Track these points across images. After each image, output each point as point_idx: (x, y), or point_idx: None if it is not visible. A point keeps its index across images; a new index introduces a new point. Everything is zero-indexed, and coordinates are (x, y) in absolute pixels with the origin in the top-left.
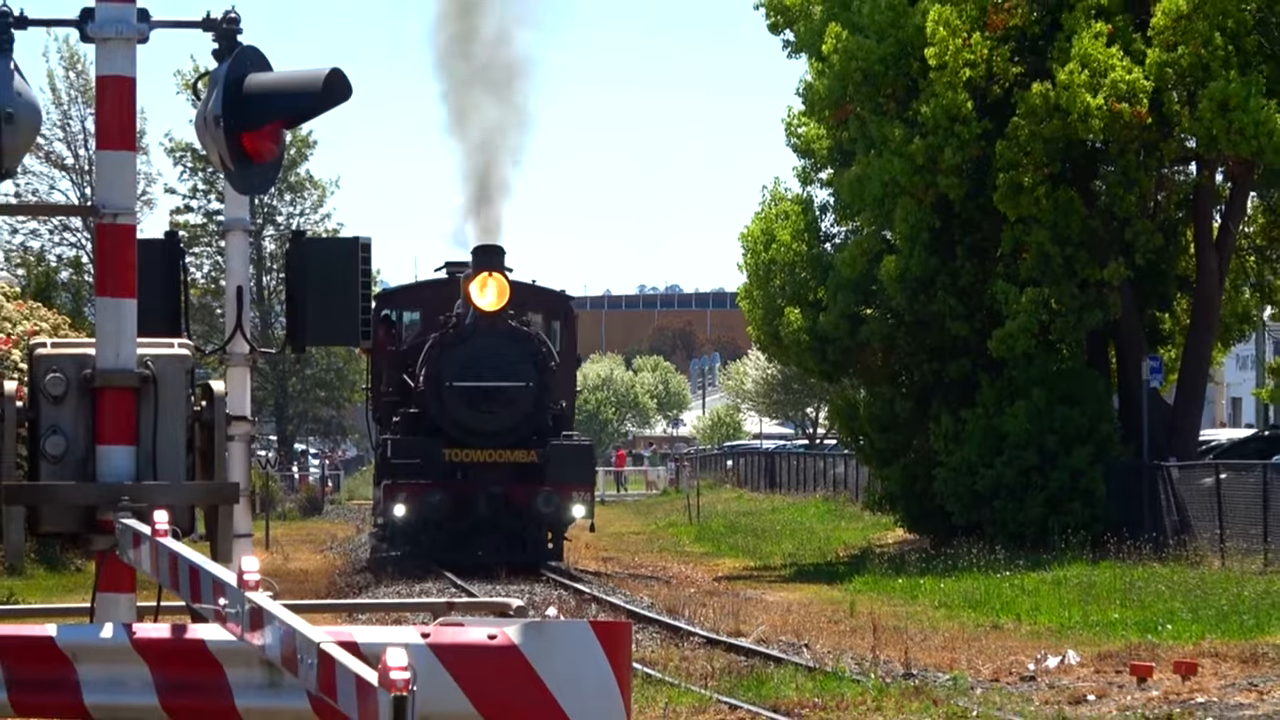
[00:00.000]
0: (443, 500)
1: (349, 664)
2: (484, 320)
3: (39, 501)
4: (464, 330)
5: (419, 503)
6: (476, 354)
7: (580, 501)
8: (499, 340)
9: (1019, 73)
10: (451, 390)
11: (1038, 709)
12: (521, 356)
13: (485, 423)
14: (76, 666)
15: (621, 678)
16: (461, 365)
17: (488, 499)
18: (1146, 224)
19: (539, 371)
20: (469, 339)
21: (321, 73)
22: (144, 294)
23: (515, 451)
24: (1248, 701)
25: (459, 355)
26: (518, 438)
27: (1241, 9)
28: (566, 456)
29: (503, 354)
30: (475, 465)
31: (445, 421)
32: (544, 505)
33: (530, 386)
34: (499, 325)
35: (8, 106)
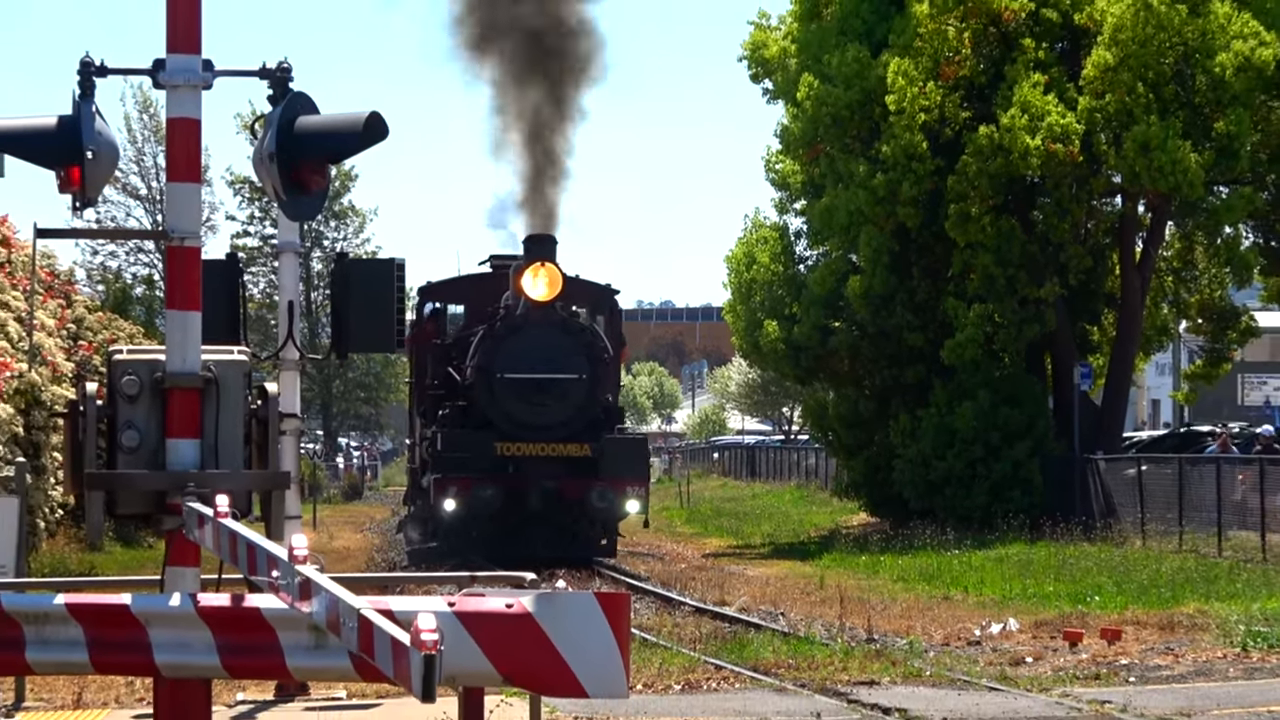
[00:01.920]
0: (494, 494)
1: (385, 627)
2: (536, 311)
3: (116, 487)
4: (515, 321)
5: (469, 497)
6: (528, 345)
7: (634, 496)
8: (551, 331)
9: (967, 117)
10: (503, 382)
11: (983, 669)
12: (574, 348)
13: (537, 415)
14: (148, 630)
15: (621, 641)
16: (513, 357)
17: (541, 494)
18: (1078, 249)
19: (591, 363)
20: (520, 330)
21: (362, 115)
22: (208, 307)
23: (568, 445)
24: (1165, 663)
25: (510, 347)
26: (570, 431)
27: (1161, 62)
28: (621, 451)
29: (555, 345)
30: (527, 459)
31: (496, 414)
32: (598, 500)
33: (583, 379)
34: (551, 316)
35: (90, 145)
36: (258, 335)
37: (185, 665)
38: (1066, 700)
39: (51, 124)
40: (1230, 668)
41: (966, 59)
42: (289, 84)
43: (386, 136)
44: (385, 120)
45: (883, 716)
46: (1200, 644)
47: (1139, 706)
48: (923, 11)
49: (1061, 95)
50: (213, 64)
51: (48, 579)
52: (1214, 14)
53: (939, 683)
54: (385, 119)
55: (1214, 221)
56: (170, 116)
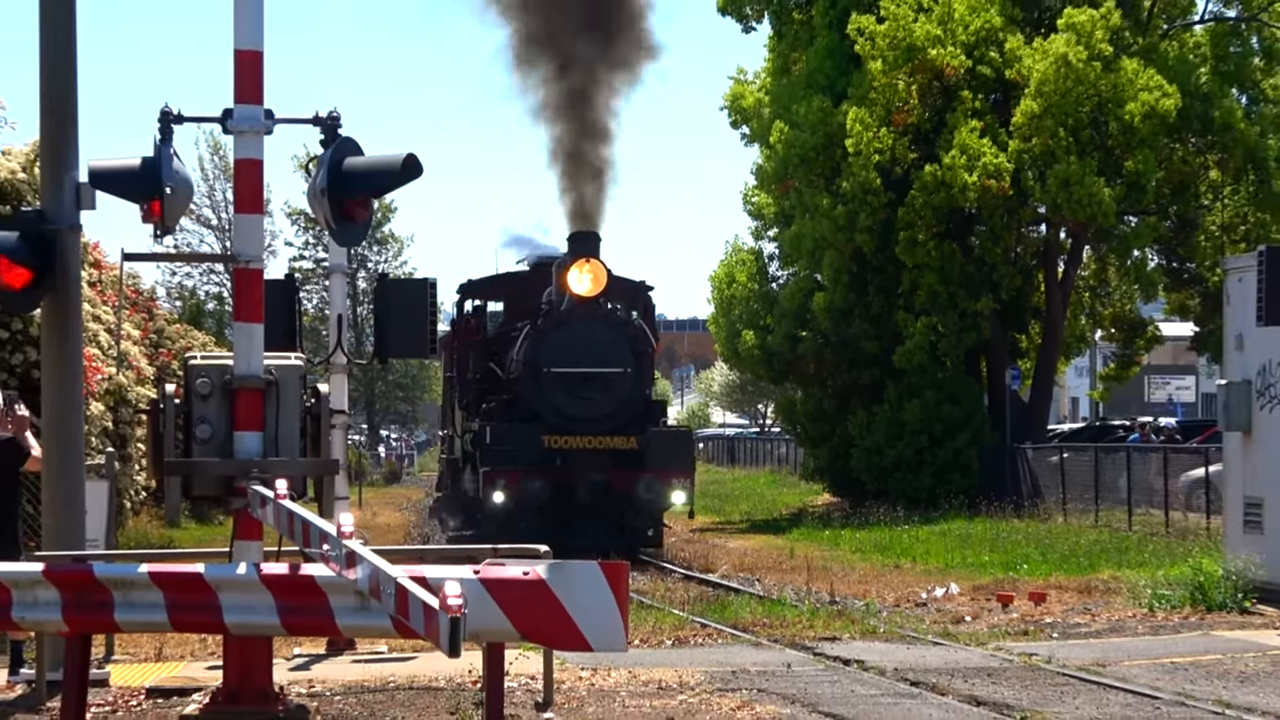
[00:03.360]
0: (542, 487)
1: (418, 593)
2: (580, 306)
3: (191, 473)
4: (560, 316)
5: (518, 489)
6: (574, 340)
7: (680, 488)
8: (596, 326)
9: (914, 157)
10: (549, 376)
11: (928, 627)
12: (619, 342)
13: (583, 408)
14: (219, 595)
15: (621, 604)
16: (559, 351)
17: (589, 486)
18: (1009, 269)
19: (636, 357)
20: (566, 325)
21: (399, 157)
22: (269, 320)
23: (615, 438)
24: (1083, 622)
25: (556, 341)
26: (615, 424)
27: (1079, 110)
28: (667, 442)
29: (600, 339)
30: (574, 452)
31: (543, 407)
32: (645, 492)
33: (628, 372)
34: (595, 311)
35: (169, 182)
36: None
37: (250, 624)
38: (1000, 653)
39: (136, 165)
40: (1139, 625)
41: (914, 108)
42: (338, 130)
43: (421, 175)
44: (419, 161)
45: (843, 666)
46: (1113, 605)
47: (1061, 658)
48: (877, 68)
49: (994, 139)
50: (273, 113)
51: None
52: (1124, 70)
53: (891, 638)
54: (419, 160)
55: (1124, 246)
56: (237, 158)
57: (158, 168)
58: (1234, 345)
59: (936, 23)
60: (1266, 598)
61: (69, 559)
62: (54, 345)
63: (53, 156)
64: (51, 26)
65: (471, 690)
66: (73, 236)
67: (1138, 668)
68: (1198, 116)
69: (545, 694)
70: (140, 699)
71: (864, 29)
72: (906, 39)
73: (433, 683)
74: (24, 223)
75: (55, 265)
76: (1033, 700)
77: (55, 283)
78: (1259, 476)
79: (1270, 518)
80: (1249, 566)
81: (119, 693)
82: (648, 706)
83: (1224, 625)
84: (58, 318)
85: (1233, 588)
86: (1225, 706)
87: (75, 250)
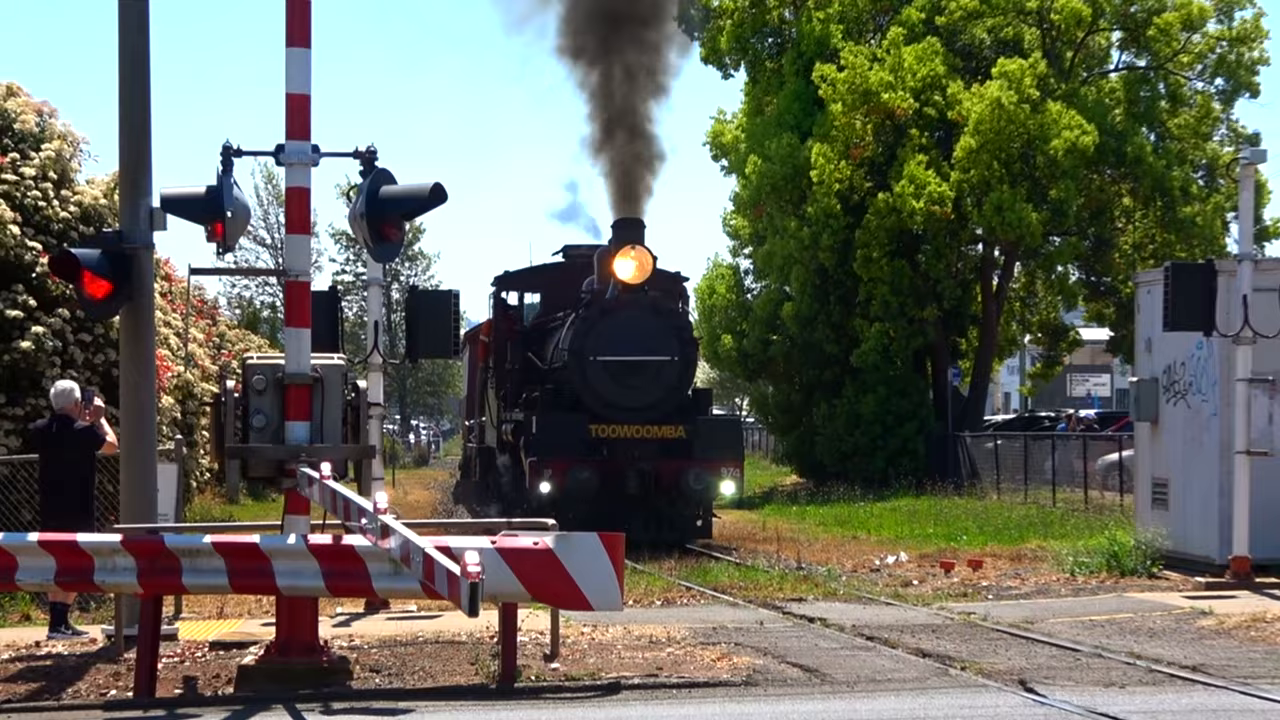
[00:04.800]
0: (591, 477)
1: (443, 561)
2: (626, 294)
3: (249, 457)
4: (607, 304)
5: (566, 479)
6: (621, 328)
7: (729, 477)
8: (642, 313)
9: (869, 186)
10: (596, 364)
11: (881, 589)
12: (665, 330)
13: (630, 397)
14: (272, 562)
15: (618, 569)
16: (605, 339)
17: (638, 476)
18: (950, 282)
19: (682, 345)
20: (612, 312)
21: (427, 185)
22: (316, 325)
23: (664, 427)
24: (1014, 585)
25: (603, 329)
26: (662, 413)
27: (1010, 146)
28: (716, 431)
29: (647, 327)
30: (621, 441)
31: (589, 396)
32: (695, 482)
33: (675, 360)
34: (641, 299)
35: (229, 207)
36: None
37: (299, 587)
38: (942, 612)
39: (201, 192)
40: (1062, 588)
41: (869, 144)
42: (374, 162)
43: (446, 201)
44: (445, 189)
45: (808, 623)
46: (1040, 571)
47: (995, 617)
48: (837, 110)
49: (938, 170)
50: (319, 148)
51: (198, 524)
52: (1049, 111)
53: (849, 599)
54: (445, 188)
55: (1049, 263)
56: (288, 186)
57: (220, 195)
58: (1144, 348)
59: (889, 71)
60: (1171, 564)
61: (143, 531)
62: (131, 347)
63: (130, 185)
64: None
65: (489, 644)
66: (147, 254)
67: (1061, 624)
68: (1113, 151)
69: (552, 647)
70: (204, 651)
71: (826, 76)
72: (863, 84)
73: (455, 638)
74: (105, 242)
75: (132, 278)
76: (971, 652)
77: (132, 293)
78: (1164, 460)
79: (1174, 495)
80: (1156, 537)
81: (186, 646)
82: (640, 658)
83: (1135, 588)
84: (134, 323)
85: (1142, 556)
86: (1136, 657)
87: (149, 266)
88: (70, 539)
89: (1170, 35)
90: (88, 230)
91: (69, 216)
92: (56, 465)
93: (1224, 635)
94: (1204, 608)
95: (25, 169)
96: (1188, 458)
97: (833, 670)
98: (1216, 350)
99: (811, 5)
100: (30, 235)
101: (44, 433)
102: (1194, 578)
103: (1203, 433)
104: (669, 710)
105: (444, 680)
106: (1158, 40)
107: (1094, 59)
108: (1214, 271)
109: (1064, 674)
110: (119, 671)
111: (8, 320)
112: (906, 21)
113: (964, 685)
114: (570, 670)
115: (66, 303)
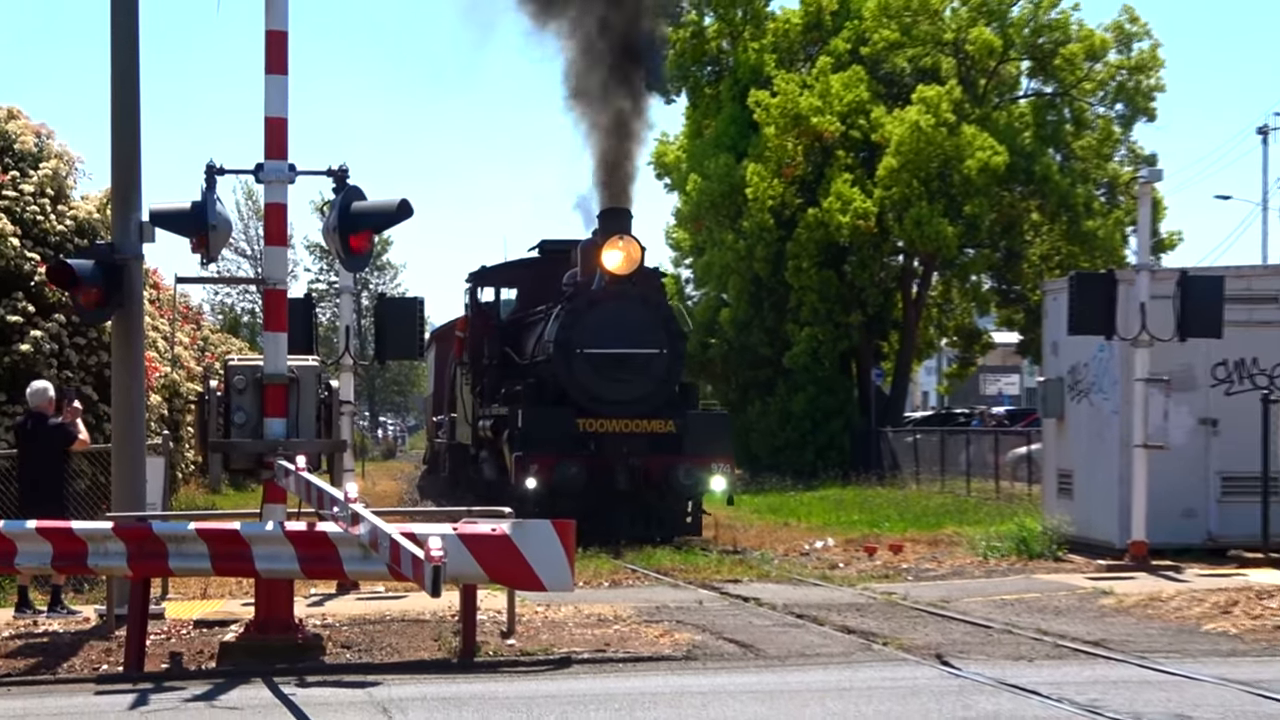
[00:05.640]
0: (579, 473)
1: (408, 546)
2: (614, 285)
3: (230, 451)
4: (594, 295)
5: (552, 474)
6: (608, 320)
7: (720, 473)
8: (631, 305)
9: (800, 202)
10: (582, 357)
11: (810, 571)
12: (654, 322)
13: (618, 391)
14: (252, 547)
15: (569, 554)
16: (593, 331)
17: (627, 472)
18: (874, 290)
19: (671, 338)
20: (600, 304)
21: (395, 201)
22: (292, 330)
23: (653, 421)
24: (932, 567)
25: (590, 321)
26: (650, 407)
27: (929, 165)
28: (705, 426)
29: (635, 319)
30: (609, 436)
31: (575, 390)
32: (685, 478)
33: (663, 353)
34: (629, 290)
35: (213, 221)
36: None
37: (276, 570)
38: (866, 592)
39: (187, 207)
40: (975, 570)
41: (799, 164)
42: (346, 180)
43: (412, 216)
44: (411, 204)
45: (743, 603)
46: (955, 555)
47: (914, 596)
48: (770, 132)
49: (863, 188)
50: (295, 166)
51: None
52: (964, 133)
53: (781, 581)
54: (411, 203)
55: (964, 272)
56: (267, 202)
57: (204, 210)
58: (1050, 350)
59: (817, 96)
60: (1075, 548)
61: (133, 519)
62: (121, 350)
63: (121, 200)
64: (121, 96)
65: (450, 622)
66: (137, 264)
67: (974, 603)
68: (1022, 170)
69: (509, 625)
70: (189, 629)
71: (761, 101)
72: (794, 109)
73: (420, 616)
74: (98, 253)
75: (123, 287)
76: (892, 629)
77: (122, 301)
78: (1069, 453)
79: (1078, 485)
80: (1061, 524)
81: (172, 624)
82: (590, 634)
83: (1042, 570)
84: (124, 328)
85: (1049, 540)
86: (1043, 633)
87: (138, 275)
88: (66, 526)
89: (1074, 64)
90: (82, 242)
91: (65, 230)
92: (32, 460)
93: (1123, 613)
94: (1105, 588)
95: (25, 186)
96: (1090, 451)
97: (766, 645)
98: (1117, 353)
99: (747, 36)
100: (29, 247)
101: (20, 429)
102: (1096, 561)
103: (1104, 428)
104: (616, 683)
105: (409, 655)
106: (1063, 69)
107: (1005, 86)
108: (1114, 280)
109: (977, 648)
110: (110, 648)
111: (8, 325)
112: (834, 51)
113: (886, 659)
114: (525, 646)
115: (63, 309)
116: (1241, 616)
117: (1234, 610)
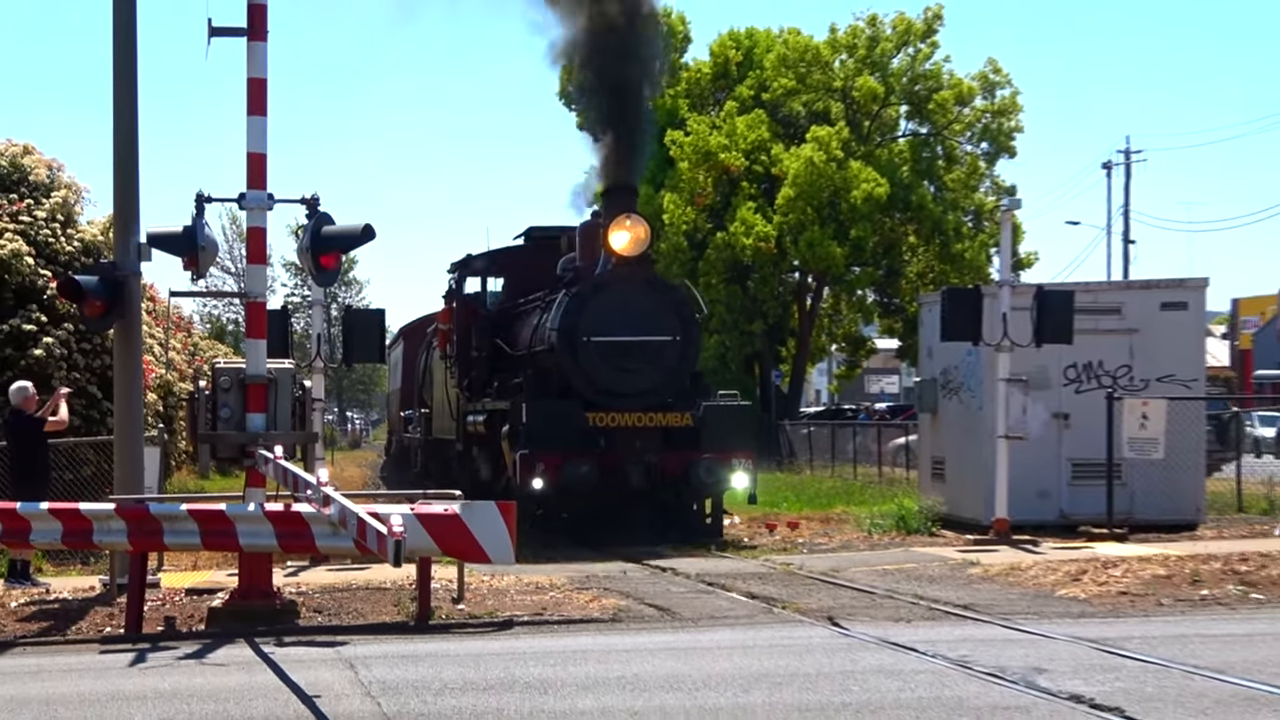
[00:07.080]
0: (590, 471)
1: (372, 523)
2: (622, 268)
3: (217, 442)
4: (601, 279)
5: (561, 474)
6: (616, 305)
7: (742, 469)
8: (640, 290)
9: (710, 227)
10: (589, 346)
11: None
12: (666, 307)
13: (628, 382)
14: (236, 525)
15: (512, 531)
16: (600, 318)
17: (643, 470)
18: (774, 303)
19: (684, 324)
20: (607, 289)
21: (359, 226)
22: (270, 337)
23: (669, 415)
24: (824, 542)
25: (597, 307)
26: (662, 399)
27: (820, 195)
28: (724, 419)
29: (645, 305)
30: (620, 431)
31: (581, 381)
32: (705, 475)
33: (676, 341)
34: (638, 274)
35: (202, 243)
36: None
37: (257, 545)
38: (767, 564)
39: (179, 231)
40: (861, 544)
41: (709, 194)
42: (317, 207)
43: (374, 238)
44: (374, 229)
45: (661, 573)
46: (844, 530)
47: (809, 566)
48: (684, 167)
49: (764, 214)
50: (273, 195)
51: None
52: (851, 168)
53: (693, 554)
54: (374, 228)
55: (851, 287)
56: (249, 226)
57: (194, 233)
58: (925, 354)
59: (725, 136)
60: (947, 525)
61: (132, 501)
62: (122, 354)
63: (122, 225)
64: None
65: (409, 590)
66: (135, 280)
67: (860, 572)
68: (901, 200)
69: (459, 592)
70: (182, 596)
71: (675, 140)
72: (704, 147)
73: (382, 585)
74: (102, 270)
75: (123, 299)
76: (789, 595)
77: (123, 311)
78: (942, 443)
79: (950, 470)
80: (935, 504)
81: (167, 592)
82: (529, 600)
83: (919, 544)
84: (124, 335)
85: (924, 518)
86: (919, 598)
87: (137, 289)
88: (74, 507)
89: (946, 109)
90: (88, 260)
91: (73, 250)
92: (17, 452)
93: (988, 581)
94: (973, 559)
95: (38, 212)
96: (960, 441)
97: (681, 609)
98: (983, 356)
99: (664, 84)
100: (42, 265)
101: (5, 425)
102: (965, 535)
103: (972, 421)
104: (552, 641)
105: (373, 618)
106: (936, 113)
107: (886, 127)
108: (980, 295)
109: (862, 611)
110: (113, 613)
111: (24, 333)
112: (739, 97)
113: (784, 621)
114: (473, 610)
115: (71, 319)
116: (1089, 583)
117: (1083, 578)
